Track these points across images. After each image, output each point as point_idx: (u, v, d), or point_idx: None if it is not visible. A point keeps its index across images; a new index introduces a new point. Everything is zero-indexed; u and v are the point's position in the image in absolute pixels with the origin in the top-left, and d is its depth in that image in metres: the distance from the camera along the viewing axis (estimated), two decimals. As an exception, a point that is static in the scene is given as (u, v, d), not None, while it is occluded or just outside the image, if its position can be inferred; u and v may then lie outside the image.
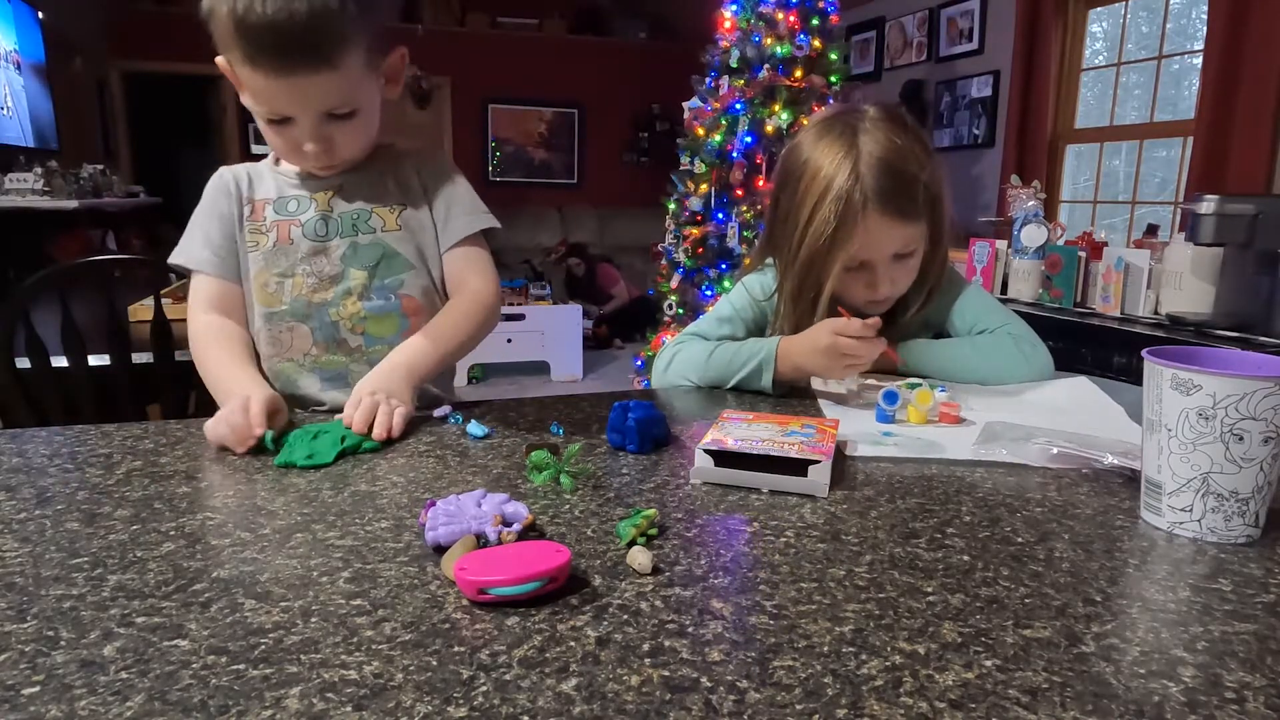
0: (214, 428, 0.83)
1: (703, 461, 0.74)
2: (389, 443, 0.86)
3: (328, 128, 0.98)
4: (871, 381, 1.11)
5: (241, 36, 0.88)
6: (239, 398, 0.85)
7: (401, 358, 0.97)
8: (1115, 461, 0.79)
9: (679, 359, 1.17)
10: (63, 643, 0.47)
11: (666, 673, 0.45)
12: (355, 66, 0.95)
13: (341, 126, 0.99)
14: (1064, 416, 0.95)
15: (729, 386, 1.11)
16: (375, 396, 0.88)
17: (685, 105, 4.12)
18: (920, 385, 0.98)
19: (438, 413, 0.96)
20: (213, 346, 1.00)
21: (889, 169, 1.06)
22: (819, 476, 0.72)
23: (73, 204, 4.21)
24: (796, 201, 1.10)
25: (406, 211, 1.08)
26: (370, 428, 0.85)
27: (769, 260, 1.22)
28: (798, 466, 0.72)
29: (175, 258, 1.06)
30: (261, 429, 0.82)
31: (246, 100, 0.97)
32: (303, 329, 1.04)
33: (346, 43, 0.92)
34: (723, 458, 0.74)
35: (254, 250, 1.05)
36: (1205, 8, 3.39)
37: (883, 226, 1.07)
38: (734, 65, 3.85)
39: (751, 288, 1.23)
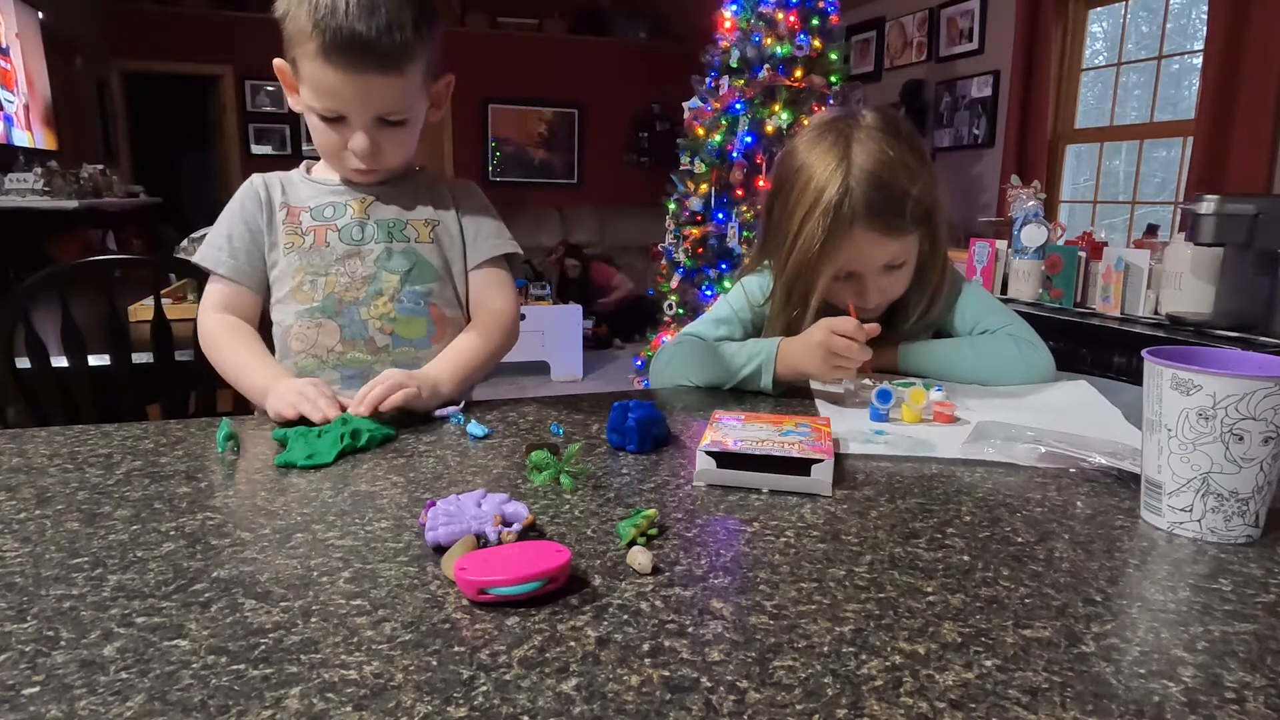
0: (290, 410, 0.89)
1: (705, 464, 0.74)
2: (389, 441, 0.86)
3: (378, 132, 1.03)
4: (867, 381, 1.11)
5: (321, 33, 0.94)
6: (300, 383, 0.92)
7: (430, 373, 1.01)
8: (1103, 461, 0.79)
9: (678, 359, 1.17)
10: (63, 643, 0.47)
11: (666, 673, 0.45)
12: (415, 79, 1.02)
13: (390, 133, 1.04)
14: (1059, 417, 0.96)
15: (728, 387, 1.11)
16: (404, 380, 0.93)
17: (685, 105, 4.12)
18: (914, 384, 0.98)
19: (439, 413, 0.96)
20: (228, 340, 1.04)
21: (879, 183, 1.05)
22: (822, 475, 0.72)
23: (73, 204, 4.21)
24: (788, 210, 1.11)
25: (439, 227, 1.13)
26: (372, 418, 0.89)
27: (767, 261, 1.22)
28: (800, 466, 0.72)
29: (196, 257, 1.10)
30: (336, 412, 0.88)
31: (301, 99, 1.03)
32: (331, 325, 1.07)
33: (413, 55, 0.99)
34: (725, 459, 0.74)
35: (290, 251, 1.08)
36: (1205, 8, 3.39)
37: (869, 240, 1.07)
38: (734, 65, 3.86)
39: (750, 289, 1.24)
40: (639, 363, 4.53)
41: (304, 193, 1.11)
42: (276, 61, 1.04)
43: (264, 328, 1.11)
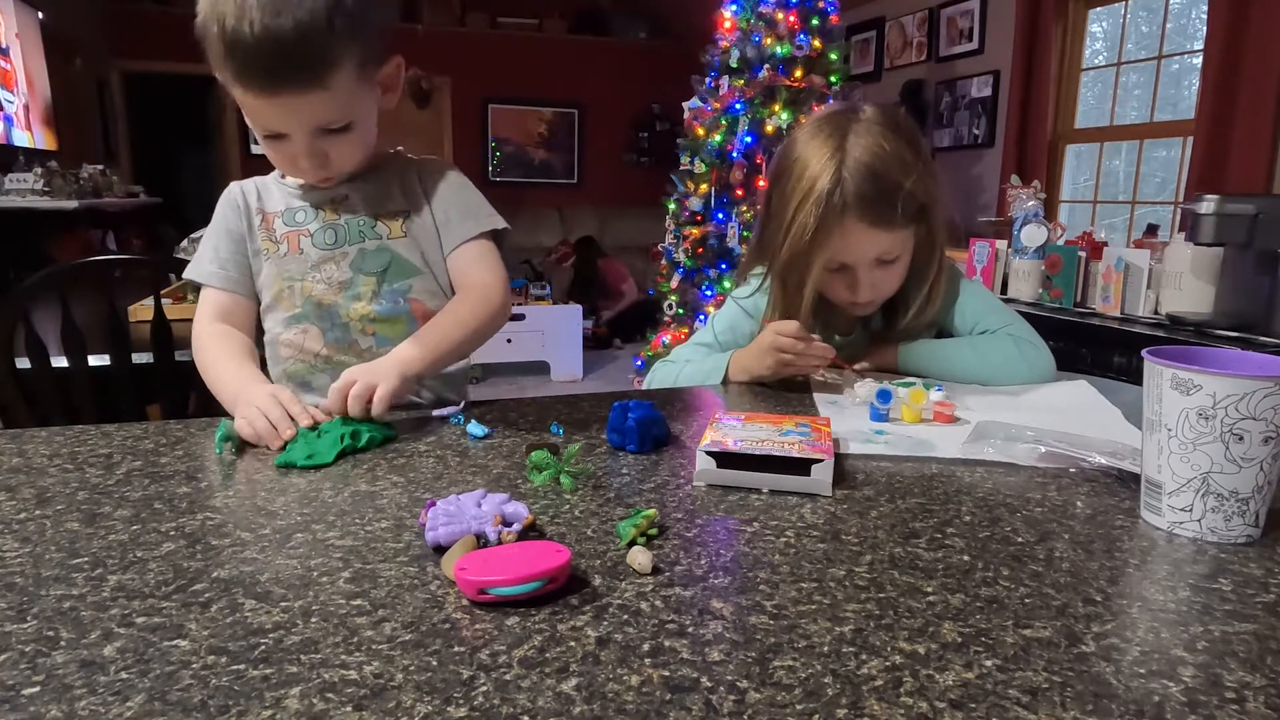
0: (247, 428, 0.85)
1: (705, 464, 0.74)
2: (389, 441, 0.86)
3: (322, 142, 0.99)
4: (869, 380, 1.11)
5: (230, 57, 0.89)
6: (261, 396, 0.87)
7: (394, 354, 0.97)
8: (1103, 461, 0.79)
9: (654, 380, 1.24)
10: (63, 643, 0.47)
11: (666, 673, 0.45)
12: (346, 83, 0.95)
13: (335, 141, 1.00)
14: (1059, 417, 0.96)
15: None
16: (356, 375, 0.89)
17: (685, 105, 4.13)
18: (914, 384, 0.98)
19: (439, 413, 0.96)
20: (213, 348, 1.03)
21: (872, 175, 1.06)
22: (822, 475, 0.72)
23: (73, 204, 4.21)
24: (784, 198, 1.12)
25: (411, 219, 1.10)
26: (360, 415, 0.87)
27: (757, 270, 1.24)
28: (800, 466, 0.72)
29: (188, 273, 1.10)
30: (292, 431, 0.83)
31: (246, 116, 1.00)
32: (315, 330, 1.06)
33: (335, 62, 0.93)
34: (725, 459, 0.74)
35: (268, 258, 1.08)
36: (1205, 8, 3.39)
37: (860, 231, 1.08)
38: (734, 65, 3.86)
39: (738, 296, 1.27)
40: (639, 363, 4.54)
41: (276, 198, 1.10)
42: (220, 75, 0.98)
43: (259, 334, 1.11)
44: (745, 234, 3.79)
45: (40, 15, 5.03)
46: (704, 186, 3.99)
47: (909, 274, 1.16)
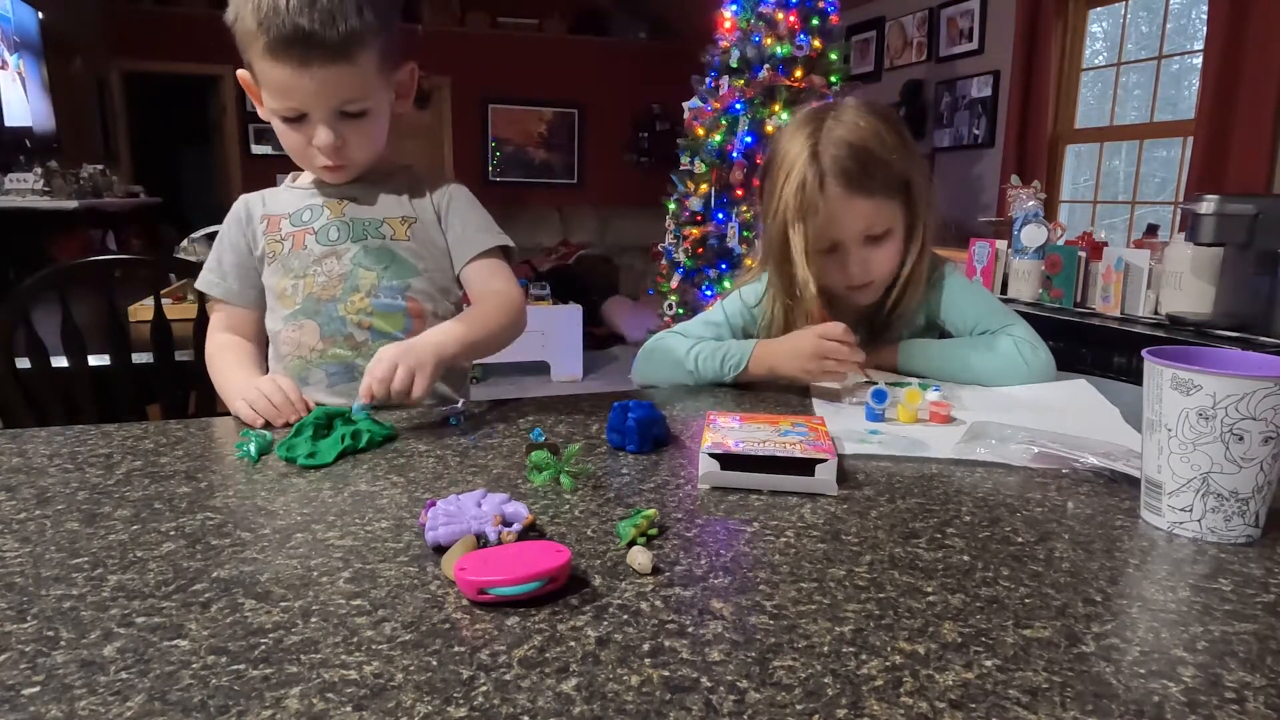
0: (246, 409, 0.91)
1: (709, 466, 0.74)
2: (390, 441, 0.86)
3: (340, 126, 1.03)
4: (863, 378, 1.11)
5: (265, 31, 0.94)
6: (263, 381, 0.94)
7: (430, 336, 0.98)
8: (1095, 462, 0.79)
9: (658, 354, 1.20)
10: (63, 643, 0.47)
11: (666, 673, 0.45)
12: (369, 66, 1.01)
13: (353, 126, 1.03)
14: (1056, 417, 0.95)
15: (697, 383, 1.15)
16: (397, 359, 0.91)
17: (685, 105, 4.13)
18: (910, 384, 0.98)
19: (440, 412, 0.96)
20: (218, 355, 1.08)
21: (849, 146, 1.08)
22: (827, 475, 0.72)
23: (73, 204, 4.21)
24: (771, 189, 1.13)
25: (417, 225, 1.12)
26: (377, 418, 0.89)
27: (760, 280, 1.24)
28: (804, 466, 0.72)
29: (198, 284, 1.14)
30: (295, 416, 0.89)
31: (265, 105, 1.03)
32: (311, 325, 1.08)
33: (363, 41, 0.99)
34: (729, 460, 0.74)
35: (272, 260, 1.10)
36: (1205, 8, 3.39)
37: (841, 200, 1.09)
38: (734, 65, 3.86)
39: (745, 294, 1.26)
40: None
41: (284, 200, 1.13)
42: (240, 72, 1.04)
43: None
44: (745, 234, 3.79)
45: (40, 15, 5.03)
46: (704, 186, 3.99)
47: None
